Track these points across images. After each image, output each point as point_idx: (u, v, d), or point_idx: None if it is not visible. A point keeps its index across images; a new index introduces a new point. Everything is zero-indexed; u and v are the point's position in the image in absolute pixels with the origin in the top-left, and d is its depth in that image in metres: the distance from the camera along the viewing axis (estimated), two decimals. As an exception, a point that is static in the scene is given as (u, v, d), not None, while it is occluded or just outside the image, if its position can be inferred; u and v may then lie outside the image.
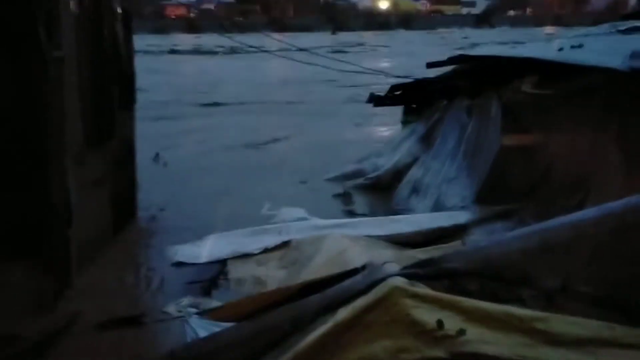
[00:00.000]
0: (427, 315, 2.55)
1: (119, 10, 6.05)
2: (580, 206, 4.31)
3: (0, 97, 4.49)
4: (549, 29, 65.08)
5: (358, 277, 3.05)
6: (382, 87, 9.71)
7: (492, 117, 6.30)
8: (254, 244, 5.59)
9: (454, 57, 7.15)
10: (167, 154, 9.58)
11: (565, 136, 4.93)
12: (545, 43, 6.79)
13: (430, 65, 7.34)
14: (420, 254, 4.82)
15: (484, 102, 6.50)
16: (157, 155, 9.32)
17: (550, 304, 2.56)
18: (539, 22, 75.84)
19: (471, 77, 6.88)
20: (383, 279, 2.72)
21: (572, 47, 5.15)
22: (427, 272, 2.79)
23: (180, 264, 5.46)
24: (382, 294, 2.64)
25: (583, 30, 7.40)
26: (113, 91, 5.89)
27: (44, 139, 4.57)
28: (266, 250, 5.45)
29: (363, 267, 3.82)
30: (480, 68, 6.66)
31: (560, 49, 5.23)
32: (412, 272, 2.80)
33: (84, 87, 5.18)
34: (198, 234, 6.06)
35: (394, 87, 8.78)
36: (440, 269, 2.81)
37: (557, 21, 74.84)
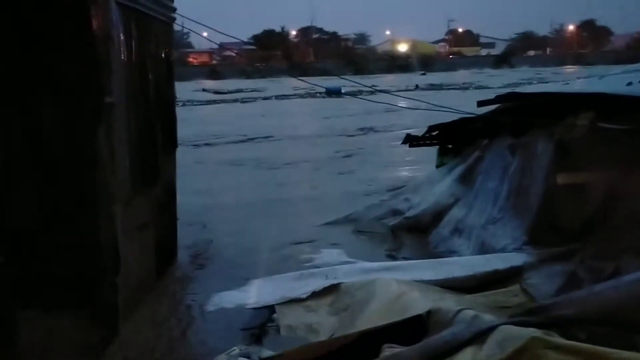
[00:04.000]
0: None
1: (163, 56, 6.10)
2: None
3: (51, 144, 4.48)
4: (569, 68, 65.27)
5: (459, 327, 2.87)
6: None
7: (538, 155, 6.16)
8: (302, 288, 5.45)
9: (503, 95, 7.05)
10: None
11: (630, 173, 4.75)
12: (600, 80, 6.66)
13: (480, 103, 7.26)
14: (481, 298, 4.65)
15: (530, 140, 6.37)
16: None
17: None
18: (559, 61, 76.19)
19: (515, 115, 6.77)
20: (492, 328, 2.55)
21: None
22: (538, 320, 2.61)
23: (226, 310, 5.34)
24: (519, 345, 2.46)
25: (620, 68, 7.28)
26: (157, 135, 5.88)
27: (94, 185, 4.53)
28: (314, 295, 5.30)
29: (428, 314, 3.68)
30: (524, 106, 6.54)
31: (629, 84, 5.10)
32: (522, 320, 2.63)
33: (131, 131, 5.17)
34: (241, 276, 5.99)
35: (432, 127, 8.68)
36: (552, 316, 2.63)
37: (578, 60, 75.18)
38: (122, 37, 4.89)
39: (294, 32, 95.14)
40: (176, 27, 6.81)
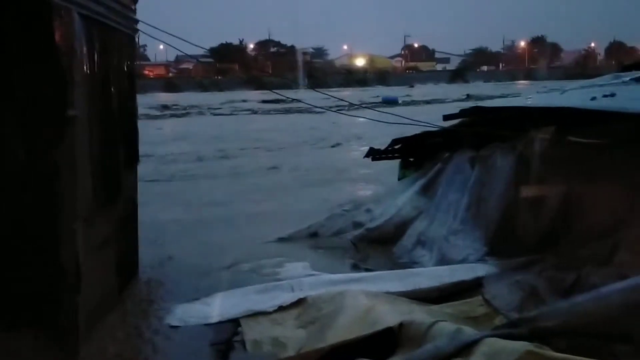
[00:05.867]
0: None
1: (126, 68, 6.01)
2: (610, 256, 4.24)
3: (11, 158, 4.34)
4: (522, 83, 67.10)
5: (442, 340, 2.89)
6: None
7: (498, 168, 6.31)
8: (267, 302, 5.40)
9: (467, 109, 7.20)
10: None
11: (590, 185, 4.90)
12: (559, 94, 6.88)
13: (446, 117, 7.42)
14: (447, 309, 4.72)
15: (489, 154, 6.52)
16: None
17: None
18: (512, 76, 78.31)
19: (476, 129, 6.92)
20: (477, 341, 2.58)
21: (605, 96, 5.19)
22: (522, 332, 2.65)
23: (190, 325, 5.25)
24: (513, 359, 2.48)
25: (580, 82, 7.50)
26: (119, 150, 5.78)
27: (55, 201, 4.40)
28: (281, 308, 5.26)
29: (399, 327, 3.71)
30: (486, 120, 6.70)
31: (593, 98, 5.27)
32: (507, 333, 2.66)
33: (94, 145, 5.06)
34: (203, 291, 5.90)
35: (395, 141, 8.80)
36: (536, 328, 2.68)
37: (529, 75, 77.43)
38: (85, 49, 4.80)
39: (251, 45, 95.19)
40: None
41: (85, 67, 4.83)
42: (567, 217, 5.15)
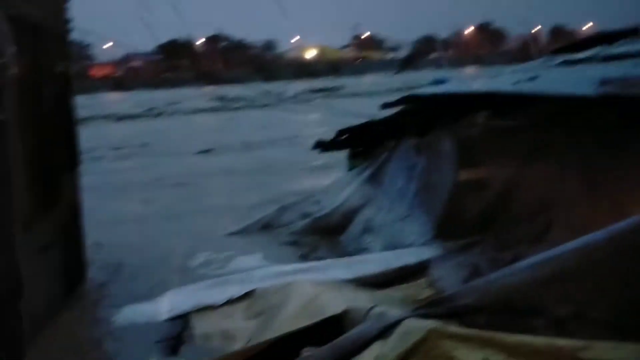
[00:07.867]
0: (472, 356, 2.48)
1: (59, 71, 5.88)
2: (543, 234, 4.38)
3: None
4: (470, 69, 68.26)
5: (367, 324, 2.94)
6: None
7: (443, 153, 6.44)
8: (217, 295, 5.38)
9: (407, 96, 7.29)
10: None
11: (523, 166, 5.05)
12: (492, 79, 7.03)
13: (385, 105, 7.49)
14: (393, 293, 4.81)
15: (434, 140, 6.64)
16: None
17: (562, 332, 2.54)
18: (460, 63, 79.57)
19: (419, 116, 7.04)
20: (397, 322, 2.63)
21: (529, 79, 5.34)
22: (440, 311, 2.73)
23: (139, 323, 5.20)
24: (419, 337, 2.54)
25: (512, 67, 7.70)
26: (57, 154, 5.67)
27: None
28: (230, 301, 5.25)
29: (344, 314, 3.76)
30: (428, 107, 6.81)
31: (517, 82, 5.42)
32: (425, 313, 2.73)
33: (28, 150, 4.95)
34: (153, 291, 5.85)
35: (341, 132, 8.86)
36: (453, 306, 2.75)
37: (477, 61, 78.75)
38: (12, 51, 4.68)
39: (200, 41, 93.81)
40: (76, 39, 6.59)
41: (12, 69, 4.71)
42: (505, 199, 5.31)
